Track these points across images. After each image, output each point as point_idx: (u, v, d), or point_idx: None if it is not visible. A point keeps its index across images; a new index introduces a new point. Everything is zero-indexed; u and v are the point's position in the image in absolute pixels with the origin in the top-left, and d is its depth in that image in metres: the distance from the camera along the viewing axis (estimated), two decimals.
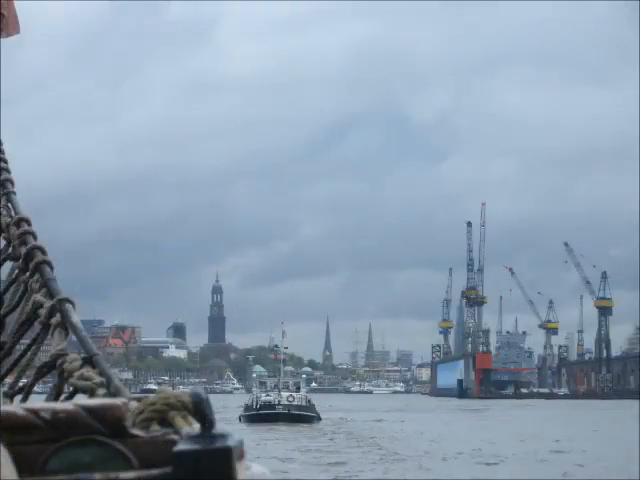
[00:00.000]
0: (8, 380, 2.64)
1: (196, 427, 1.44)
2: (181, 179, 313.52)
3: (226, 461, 1.37)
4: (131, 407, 1.57)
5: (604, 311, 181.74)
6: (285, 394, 57.75)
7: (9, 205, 3.04)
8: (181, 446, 1.39)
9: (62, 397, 2.14)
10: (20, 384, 2.48)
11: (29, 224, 2.84)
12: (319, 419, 57.27)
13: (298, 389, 61.02)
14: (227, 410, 63.89)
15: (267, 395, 58.89)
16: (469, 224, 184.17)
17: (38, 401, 1.78)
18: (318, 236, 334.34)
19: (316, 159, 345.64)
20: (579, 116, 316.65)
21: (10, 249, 2.86)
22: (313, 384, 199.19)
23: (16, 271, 2.78)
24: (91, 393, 1.98)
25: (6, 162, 3.31)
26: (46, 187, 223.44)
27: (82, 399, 1.80)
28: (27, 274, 2.66)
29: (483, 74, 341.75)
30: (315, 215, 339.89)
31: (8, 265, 2.87)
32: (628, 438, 37.75)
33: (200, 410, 1.43)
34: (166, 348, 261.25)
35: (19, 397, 2.42)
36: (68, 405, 1.57)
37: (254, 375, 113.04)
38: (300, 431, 47.60)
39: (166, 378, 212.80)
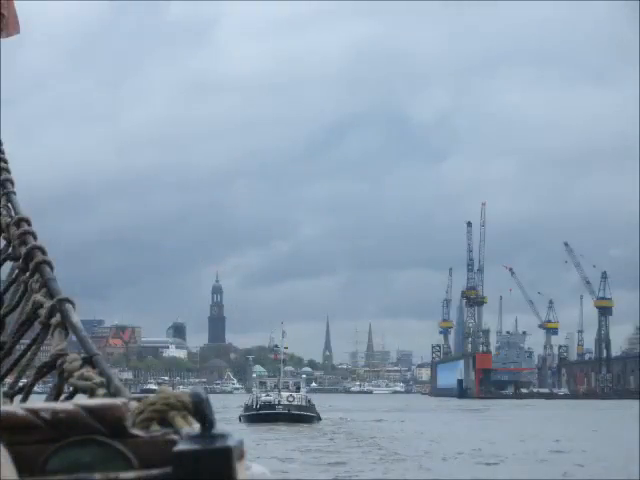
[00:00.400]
0: (8, 380, 2.63)
1: (196, 427, 1.44)
2: (181, 179, 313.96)
3: (226, 461, 1.37)
4: (131, 407, 1.57)
5: (604, 311, 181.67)
6: (285, 394, 57.73)
7: (9, 205, 3.04)
8: (181, 446, 1.39)
9: (62, 397, 2.14)
10: (20, 384, 2.48)
11: (29, 224, 2.84)
12: (319, 419, 57.24)
13: (298, 389, 60.99)
14: (227, 410, 63.84)
15: (267, 395, 58.86)
16: (469, 224, 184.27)
17: (38, 401, 1.78)
18: (318, 236, 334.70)
19: (316, 159, 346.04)
20: (579, 116, 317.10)
21: (10, 249, 2.86)
22: (313, 384, 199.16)
23: (16, 271, 2.78)
24: (91, 393, 1.98)
25: (6, 162, 3.31)
26: (46, 187, 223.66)
27: (82, 399, 1.79)
28: (27, 274, 2.66)
29: (483, 74, 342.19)
30: (315, 215, 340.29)
31: (8, 265, 2.87)
32: (628, 438, 37.76)
33: (200, 410, 1.43)
34: (166, 348, 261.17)
35: (19, 397, 2.42)
36: (68, 405, 1.57)
37: (254, 375, 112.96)
38: (300, 431, 47.59)
39: (166, 378, 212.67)
